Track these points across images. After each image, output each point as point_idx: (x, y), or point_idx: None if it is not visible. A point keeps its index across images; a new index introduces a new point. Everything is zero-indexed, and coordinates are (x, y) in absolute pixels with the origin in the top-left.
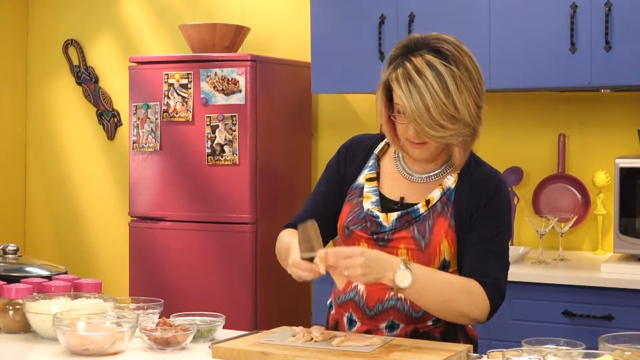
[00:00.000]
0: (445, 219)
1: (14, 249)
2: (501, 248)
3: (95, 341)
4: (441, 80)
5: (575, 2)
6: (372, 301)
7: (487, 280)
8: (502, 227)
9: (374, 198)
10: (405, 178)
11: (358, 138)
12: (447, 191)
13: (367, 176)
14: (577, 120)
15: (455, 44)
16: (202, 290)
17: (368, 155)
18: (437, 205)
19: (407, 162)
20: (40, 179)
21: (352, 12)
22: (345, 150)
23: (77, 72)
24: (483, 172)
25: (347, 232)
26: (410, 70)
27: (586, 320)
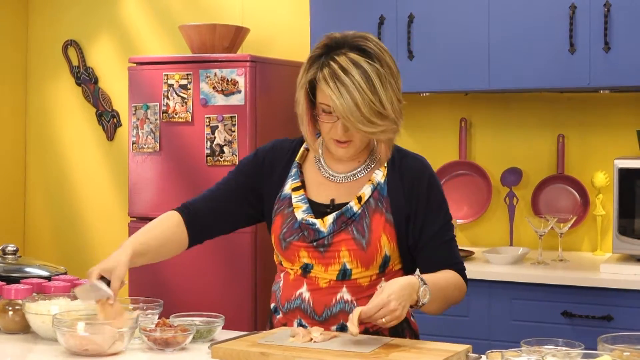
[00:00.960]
0: (382, 215)
1: (13, 249)
2: (452, 232)
3: (94, 342)
4: (367, 78)
5: (574, 3)
6: (319, 308)
7: (458, 266)
8: (447, 213)
9: (304, 206)
10: (331, 181)
11: (277, 144)
12: (378, 186)
13: (292, 186)
14: (576, 121)
15: (376, 42)
16: (201, 291)
17: (289, 163)
18: (370, 201)
19: (330, 164)
20: (40, 180)
21: (351, 12)
22: (263, 156)
23: (76, 72)
24: (410, 162)
25: (284, 244)
26: (337, 70)
27: (585, 320)
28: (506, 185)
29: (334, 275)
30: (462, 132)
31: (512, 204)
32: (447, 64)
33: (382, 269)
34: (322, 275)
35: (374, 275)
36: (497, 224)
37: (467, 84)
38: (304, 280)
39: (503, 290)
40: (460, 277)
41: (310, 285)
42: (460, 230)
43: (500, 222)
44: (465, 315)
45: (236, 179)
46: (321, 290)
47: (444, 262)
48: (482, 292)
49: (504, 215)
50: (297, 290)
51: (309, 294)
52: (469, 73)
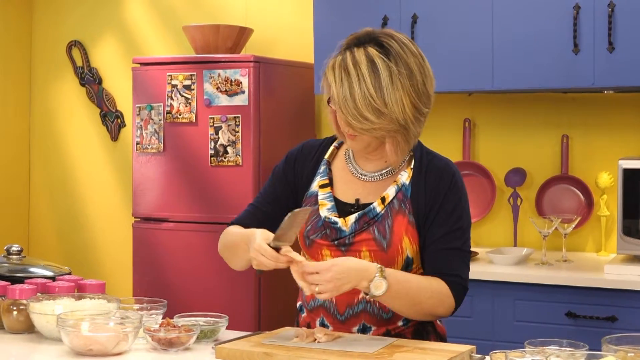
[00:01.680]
0: (404, 216)
1: (17, 249)
2: (462, 242)
3: (99, 342)
4: (375, 73)
5: (578, 3)
6: (342, 306)
7: (451, 278)
8: (461, 220)
9: (329, 204)
10: (358, 179)
11: (307, 144)
12: (402, 187)
13: (319, 183)
14: (580, 121)
15: (402, 42)
16: (205, 291)
17: (318, 161)
18: (394, 202)
19: (359, 162)
20: (44, 180)
21: (355, 13)
22: (294, 158)
23: (80, 73)
24: (436, 164)
25: (307, 241)
26: (348, 60)
27: (589, 321)
28: (510, 185)
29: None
30: (465, 132)
31: (516, 205)
32: (450, 64)
33: (405, 271)
34: None
35: None
36: (501, 224)
37: (470, 84)
38: None
39: (507, 290)
40: (446, 288)
41: None
42: None
43: (504, 223)
44: (469, 315)
45: (274, 185)
46: None
47: (439, 271)
48: (486, 293)
49: (507, 215)
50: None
51: None
52: (472, 73)
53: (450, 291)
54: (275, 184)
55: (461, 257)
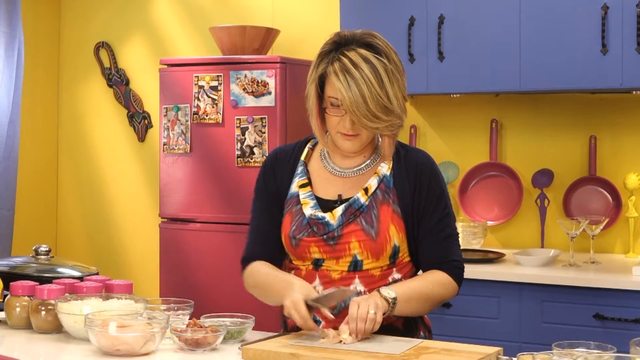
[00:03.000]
0: (389, 206)
1: (46, 250)
2: (451, 228)
3: (126, 342)
4: (375, 72)
5: (606, 3)
6: None
7: (450, 263)
8: (446, 207)
9: (312, 202)
10: (337, 176)
11: (279, 150)
12: (384, 178)
13: (299, 183)
14: (608, 122)
15: (383, 40)
16: (232, 292)
17: (295, 163)
18: (377, 193)
19: (335, 160)
20: (72, 181)
21: (381, 13)
22: (269, 166)
23: (108, 74)
24: (414, 155)
25: (294, 241)
26: (347, 63)
27: (617, 323)
28: (537, 186)
29: (345, 266)
30: (492, 133)
31: (543, 206)
32: (477, 65)
33: (392, 260)
34: (333, 268)
35: (385, 266)
36: (528, 225)
37: (498, 85)
38: (316, 274)
39: (534, 292)
40: (443, 276)
41: (323, 278)
42: (491, 232)
43: (531, 224)
44: (496, 317)
45: (261, 203)
46: (334, 282)
47: (438, 261)
48: (513, 294)
49: (535, 216)
50: (310, 284)
51: (322, 287)
52: (499, 74)
53: (450, 277)
54: (262, 201)
55: (452, 242)
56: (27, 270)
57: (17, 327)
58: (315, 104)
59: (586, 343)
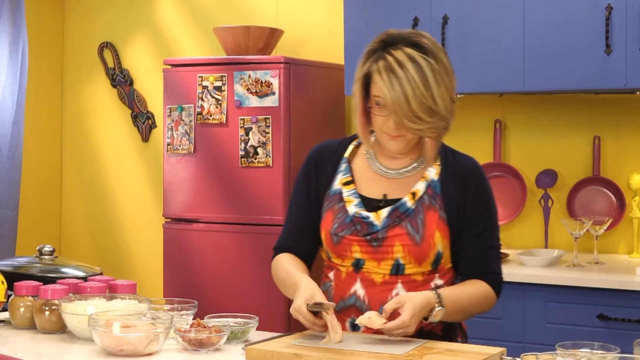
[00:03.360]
0: (435, 212)
1: (50, 250)
2: (494, 239)
3: (130, 342)
4: (421, 72)
5: (610, 3)
6: (375, 305)
7: (490, 276)
8: (492, 217)
9: (356, 200)
10: (382, 176)
11: (323, 145)
12: (432, 183)
13: (342, 180)
14: (612, 122)
15: (431, 40)
16: (235, 292)
17: (338, 160)
18: (424, 198)
19: (381, 160)
20: (76, 181)
21: (385, 14)
22: (312, 160)
23: (112, 74)
24: (462, 162)
25: (335, 239)
26: (392, 62)
27: (621, 324)
28: (541, 187)
29: (387, 269)
30: (496, 133)
31: (547, 206)
32: (481, 65)
33: (434, 266)
34: (375, 270)
35: (427, 272)
36: (532, 226)
37: (501, 85)
38: (357, 277)
39: (538, 292)
40: (489, 289)
41: (365, 281)
42: None
43: (535, 224)
44: (499, 317)
45: (300, 195)
46: (376, 286)
47: (479, 272)
48: (517, 295)
49: (539, 217)
50: (351, 287)
51: (363, 291)
52: (503, 74)
53: (491, 289)
54: (300, 194)
55: (494, 254)
56: (31, 270)
57: (21, 327)
58: (360, 103)
59: (590, 344)
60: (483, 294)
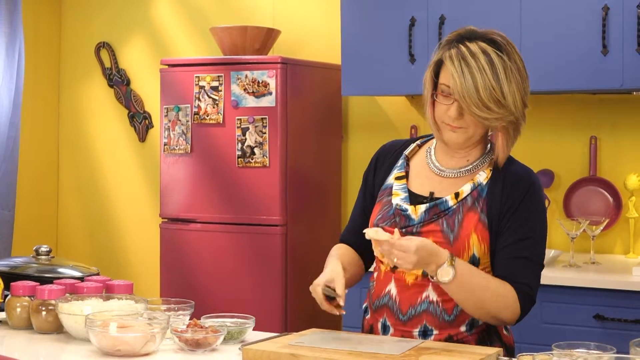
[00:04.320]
0: (476, 214)
1: (46, 250)
2: (532, 252)
3: (127, 342)
4: (493, 65)
5: (607, 4)
6: (405, 306)
7: (519, 285)
8: (534, 230)
9: (403, 195)
10: (435, 174)
11: (388, 144)
12: (479, 186)
13: (396, 175)
14: (608, 122)
15: (507, 39)
16: (232, 292)
17: (397, 157)
18: (467, 199)
19: (439, 157)
20: (73, 181)
21: (382, 14)
22: (376, 157)
23: (109, 74)
24: (516, 170)
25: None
26: (465, 52)
27: (617, 324)
28: None
29: (419, 270)
30: None
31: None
32: None
33: None
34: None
35: None
36: None
37: None
38: (392, 277)
39: None
40: (513, 292)
41: (398, 281)
42: None
43: None
44: None
45: (362, 193)
46: (408, 288)
47: (507, 277)
48: None
49: None
50: (386, 287)
51: (396, 290)
52: None
53: (517, 297)
54: (360, 191)
55: (528, 266)
56: (28, 270)
57: (17, 328)
58: (430, 90)
59: (586, 344)
60: (503, 290)
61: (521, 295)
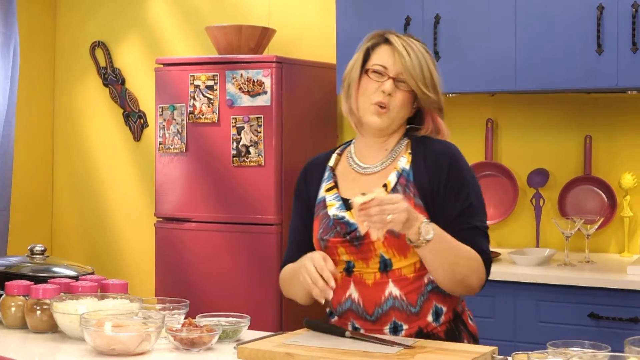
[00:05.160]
0: (410, 200)
1: (41, 249)
2: (476, 220)
3: (121, 341)
4: (425, 55)
5: (602, 3)
6: (370, 307)
7: (480, 254)
8: (469, 197)
9: (338, 203)
10: (361, 174)
11: (312, 159)
12: (403, 172)
13: (326, 187)
14: (603, 121)
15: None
16: (227, 291)
17: (323, 170)
18: (397, 188)
19: (360, 156)
20: (68, 180)
21: (377, 13)
22: (302, 176)
23: (104, 73)
24: (434, 148)
25: (322, 243)
26: (404, 37)
27: (612, 322)
28: (532, 186)
29: (375, 267)
30: (488, 132)
31: (538, 205)
32: (473, 64)
33: None
34: (365, 271)
35: (417, 264)
36: (523, 225)
37: (493, 85)
38: (350, 280)
39: (529, 291)
40: (478, 256)
41: (357, 284)
42: None
43: (527, 224)
44: (490, 316)
45: (297, 209)
46: (369, 288)
47: None
48: (508, 294)
49: (530, 216)
50: (346, 291)
51: (357, 293)
52: (495, 74)
53: (483, 264)
54: (297, 210)
55: (480, 234)
56: (23, 269)
57: (12, 327)
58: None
59: (581, 342)
60: (472, 253)
61: (483, 261)
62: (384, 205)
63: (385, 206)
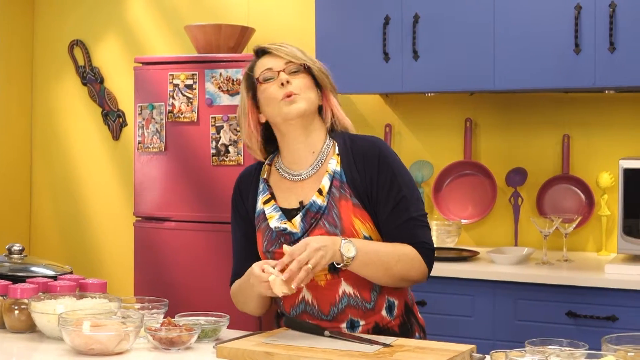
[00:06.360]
0: (347, 201)
1: (19, 249)
2: (412, 210)
3: (100, 341)
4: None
5: (579, 3)
6: (325, 307)
7: (417, 245)
8: (402, 190)
9: (277, 214)
10: (295, 182)
11: (243, 173)
12: (335, 174)
13: (262, 200)
14: (581, 121)
15: None
16: (206, 290)
17: (257, 182)
18: (333, 191)
19: (289, 164)
20: (46, 179)
21: (356, 13)
22: (237, 190)
23: (82, 72)
24: (360, 145)
25: (269, 255)
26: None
27: (590, 321)
28: (511, 185)
29: (325, 269)
30: (467, 132)
31: (516, 204)
32: (452, 64)
33: None
34: (316, 274)
35: None
36: (501, 224)
37: (472, 84)
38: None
39: (507, 290)
40: (415, 253)
41: (310, 287)
42: (465, 230)
43: (505, 222)
44: (469, 315)
45: (237, 222)
46: (322, 289)
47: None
48: (487, 292)
49: (508, 215)
50: (299, 294)
51: (311, 296)
52: (474, 73)
53: (418, 254)
54: (236, 224)
55: (418, 224)
56: (0, 269)
57: None
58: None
59: (558, 340)
60: (405, 252)
61: (423, 252)
62: (296, 257)
63: (300, 257)
